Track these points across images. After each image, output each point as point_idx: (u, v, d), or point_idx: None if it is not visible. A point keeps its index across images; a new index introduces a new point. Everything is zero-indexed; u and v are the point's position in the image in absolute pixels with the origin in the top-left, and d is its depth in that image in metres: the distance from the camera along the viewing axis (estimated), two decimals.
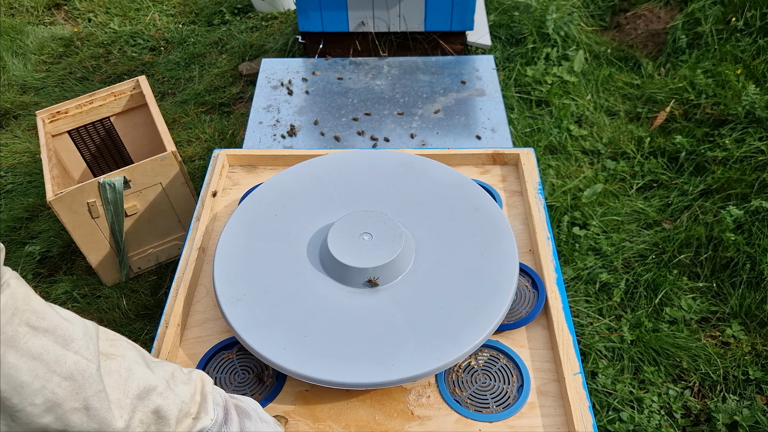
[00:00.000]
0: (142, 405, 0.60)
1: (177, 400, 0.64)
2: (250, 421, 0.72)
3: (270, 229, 0.92)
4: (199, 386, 0.67)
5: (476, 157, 1.11)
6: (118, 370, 0.59)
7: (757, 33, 2.40)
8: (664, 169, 2.14)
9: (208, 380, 0.69)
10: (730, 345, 1.66)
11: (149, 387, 0.60)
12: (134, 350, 0.62)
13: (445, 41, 2.25)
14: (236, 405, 0.72)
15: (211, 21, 3.13)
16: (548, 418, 0.77)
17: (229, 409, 0.71)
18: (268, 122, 1.83)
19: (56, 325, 0.53)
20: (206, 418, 0.67)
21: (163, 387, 0.62)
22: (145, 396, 0.60)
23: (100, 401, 0.55)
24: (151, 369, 0.62)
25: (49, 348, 0.51)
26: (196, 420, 0.66)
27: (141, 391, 0.60)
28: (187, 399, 0.65)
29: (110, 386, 0.57)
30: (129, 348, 0.62)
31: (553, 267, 0.91)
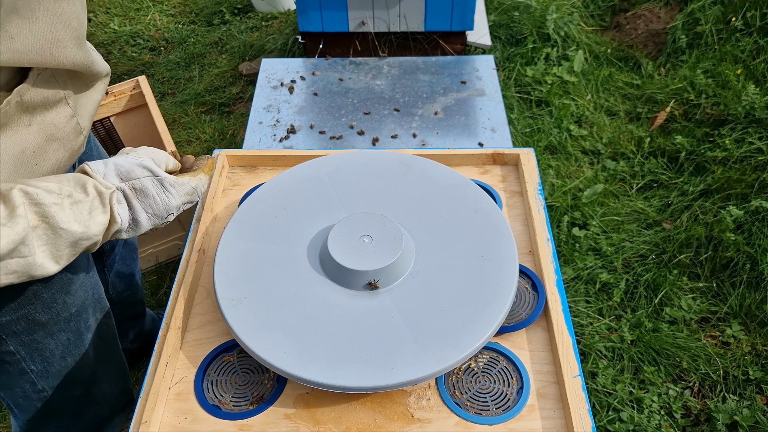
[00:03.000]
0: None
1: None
2: (150, 198, 0.75)
3: (270, 231, 0.92)
4: (93, 194, 0.70)
5: (476, 157, 1.11)
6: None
7: (757, 33, 2.40)
8: (664, 169, 2.14)
9: (92, 180, 0.71)
10: (730, 345, 1.66)
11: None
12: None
13: (445, 41, 2.25)
14: (133, 188, 0.75)
15: (211, 21, 3.13)
16: (548, 420, 0.77)
17: (130, 200, 0.74)
18: (268, 122, 1.83)
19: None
20: (115, 225, 0.73)
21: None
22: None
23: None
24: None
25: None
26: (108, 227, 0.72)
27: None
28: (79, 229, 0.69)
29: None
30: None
31: (553, 269, 0.91)
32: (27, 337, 0.88)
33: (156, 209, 0.77)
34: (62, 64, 0.71)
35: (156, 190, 0.76)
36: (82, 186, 0.70)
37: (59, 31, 0.68)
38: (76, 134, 0.80)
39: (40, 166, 0.75)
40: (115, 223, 0.73)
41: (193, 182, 0.81)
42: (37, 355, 0.91)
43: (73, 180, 0.70)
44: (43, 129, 0.74)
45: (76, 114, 0.80)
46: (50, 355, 0.93)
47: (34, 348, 0.90)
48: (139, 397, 0.79)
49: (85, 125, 0.82)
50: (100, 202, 0.71)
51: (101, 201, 0.71)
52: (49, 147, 0.75)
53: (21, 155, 0.71)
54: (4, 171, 0.69)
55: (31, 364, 0.92)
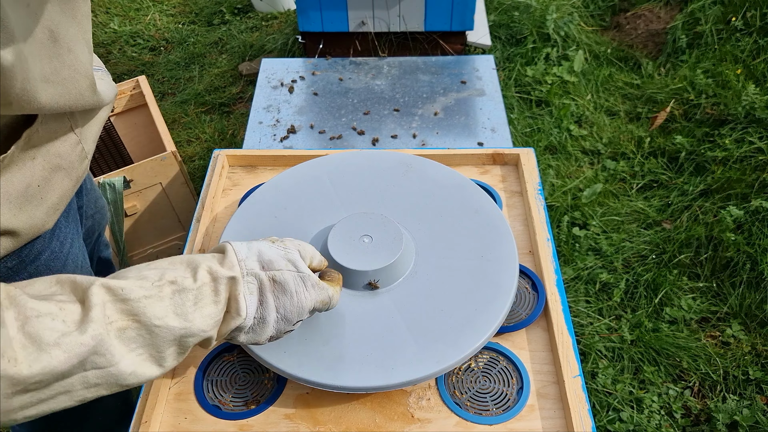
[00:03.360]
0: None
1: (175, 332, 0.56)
2: (287, 296, 0.64)
3: (270, 231, 0.92)
4: (224, 294, 0.60)
5: (476, 157, 1.11)
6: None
7: (757, 33, 2.40)
8: (664, 169, 2.14)
9: (226, 271, 0.60)
10: (730, 345, 1.66)
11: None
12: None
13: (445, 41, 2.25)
14: (272, 279, 0.64)
15: (211, 21, 3.13)
16: (548, 420, 0.77)
17: (265, 292, 0.63)
18: (268, 122, 1.83)
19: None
20: (238, 319, 0.61)
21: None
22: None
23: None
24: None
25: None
26: (225, 323, 0.61)
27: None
28: (204, 325, 0.58)
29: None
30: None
31: (553, 269, 0.91)
32: None
33: (288, 310, 0.66)
34: (78, 110, 0.69)
35: (296, 288, 0.65)
36: (193, 269, 0.59)
37: (79, 82, 0.66)
38: (80, 160, 0.76)
39: (45, 199, 0.70)
40: (238, 317, 0.62)
41: (331, 290, 0.70)
42: None
43: (186, 262, 0.60)
44: (48, 160, 0.69)
45: (81, 140, 0.75)
46: None
47: None
48: (139, 397, 0.79)
49: (89, 149, 0.77)
50: (211, 289, 0.59)
51: (213, 288, 0.59)
52: (55, 177, 0.71)
53: (26, 191, 0.66)
54: (8, 209, 0.65)
55: None
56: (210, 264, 0.60)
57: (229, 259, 0.62)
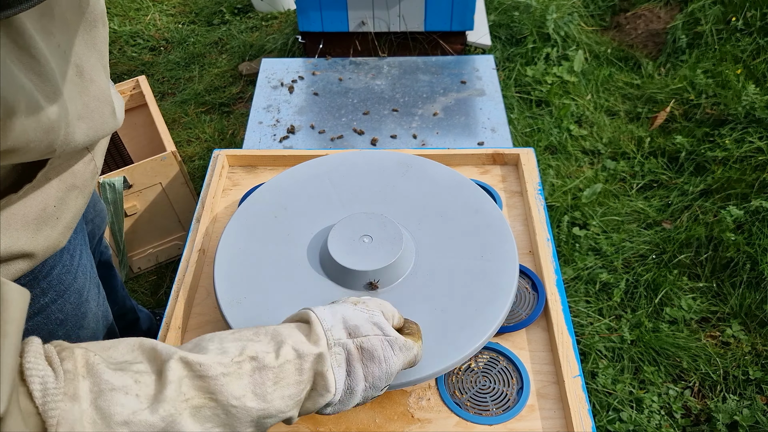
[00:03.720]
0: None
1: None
2: (375, 363, 0.61)
3: (270, 231, 0.92)
4: (309, 373, 0.57)
5: (476, 157, 1.11)
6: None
7: (757, 33, 2.40)
8: (664, 169, 2.14)
9: (312, 347, 0.57)
10: (730, 345, 1.66)
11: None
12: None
13: (445, 41, 2.25)
14: (360, 347, 0.61)
15: (211, 21, 3.13)
16: (548, 420, 0.77)
17: (353, 362, 0.60)
18: (268, 122, 1.83)
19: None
20: (327, 396, 0.58)
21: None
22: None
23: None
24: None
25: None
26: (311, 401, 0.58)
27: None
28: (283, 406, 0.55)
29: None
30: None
31: (553, 269, 0.91)
32: None
33: (377, 377, 0.61)
34: (102, 137, 0.69)
35: (384, 353, 0.61)
36: (277, 345, 0.56)
37: (103, 111, 0.65)
38: (92, 177, 0.75)
39: (61, 219, 0.69)
40: (327, 394, 0.58)
41: (416, 348, 0.66)
42: None
43: (270, 335, 0.57)
44: (64, 180, 0.68)
45: (94, 157, 0.74)
46: None
47: None
48: None
49: (100, 164, 0.76)
50: (295, 368, 0.56)
51: (298, 366, 0.56)
52: (69, 197, 0.69)
53: (42, 212, 0.65)
54: (26, 233, 0.63)
55: None
56: (295, 339, 0.57)
57: (315, 331, 0.59)
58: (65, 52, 0.57)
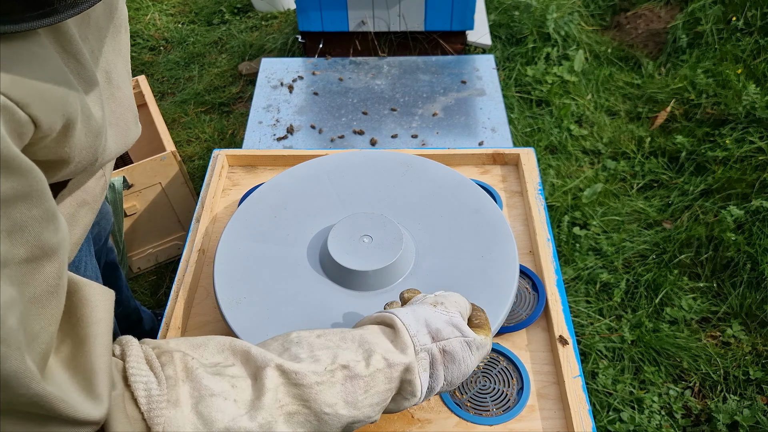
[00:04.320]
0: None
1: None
2: (455, 364, 0.62)
3: (270, 231, 0.92)
4: (396, 381, 0.58)
5: (476, 157, 1.11)
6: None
7: (758, 33, 2.40)
8: (665, 169, 2.14)
9: (401, 356, 0.58)
10: (731, 345, 1.66)
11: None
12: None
13: (445, 41, 2.25)
14: (443, 350, 0.61)
15: (210, 20, 3.13)
16: (548, 421, 0.77)
17: (436, 365, 0.61)
18: (267, 122, 1.83)
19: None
20: (412, 399, 0.60)
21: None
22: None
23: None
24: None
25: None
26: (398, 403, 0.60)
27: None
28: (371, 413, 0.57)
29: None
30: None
31: (553, 269, 0.91)
32: None
33: (455, 376, 0.63)
34: (126, 149, 0.67)
35: (463, 355, 0.62)
36: (366, 353, 0.57)
37: (127, 118, 0.64)
38: (102, 193, 0.73)
39: (71, 235, 0.67)
40: (412, 398, 0.60)
41: (488, 345, 0.66)
42: None
43: (358, 342, 0.58)
44: (76, 197, 0.67)
45: (105, 172, 0.73)
46: None
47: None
48: None
49: (109, 180, 0.75)
50: (385, 376, 0.57)
51: (387, 375, 0.57)
52: (80, 213, 0.68)
53: None
54: None
55: None
56: (384, 347, 0.58)
57: (402, 339, 0.59)
58: (97, 58, 0.56)
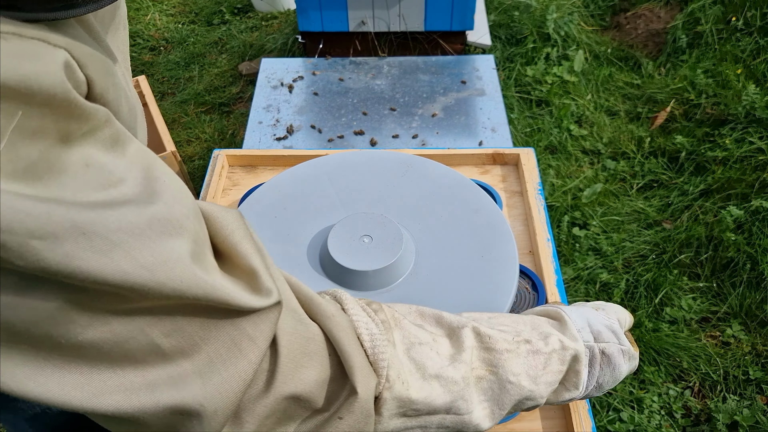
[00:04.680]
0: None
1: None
2: (610, 368, 0.61)
3: (270, 231, 0.92)
4: (567, 365, 0.57)
5: (476, 157, 1.11)
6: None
7: (758, 33, 2.40)
8: (665, 169, 2.14)
9: (573, 343, 0.58)
10: (731, 345, 1.66)
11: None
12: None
13: (445, 41, 2.25)
14: (603, 352, 0.61)
15: (210, 21, 3.13)
16: (548, 421, 0.77)
17: (594, 364, 0.60)
18: (267, 122, 1.83)
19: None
20: (574, 392, 0.59)
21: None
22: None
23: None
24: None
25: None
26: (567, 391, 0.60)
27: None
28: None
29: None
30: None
31: (553, 269, 0.91)
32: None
33: (606, 381, 0.62)
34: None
35: (618, 362, 0.62)
36: (542, 334, 0.58)
37: (139, 118, 0.65)
38: None
39: None
40: (575, 390, 0.60)
41: (637, 357, 0.66)
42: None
43: (530, 324, 0.59)
44: None
45: None
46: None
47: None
48: None
49: None
50: (559, 358, 0.57)
51: (561, 357, 0.57)
52: None
53: None
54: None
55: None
56: (558, 332, 0.59)
57: (570, 331, 0.60)
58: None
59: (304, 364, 0.43)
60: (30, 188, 0.30)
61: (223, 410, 0.39)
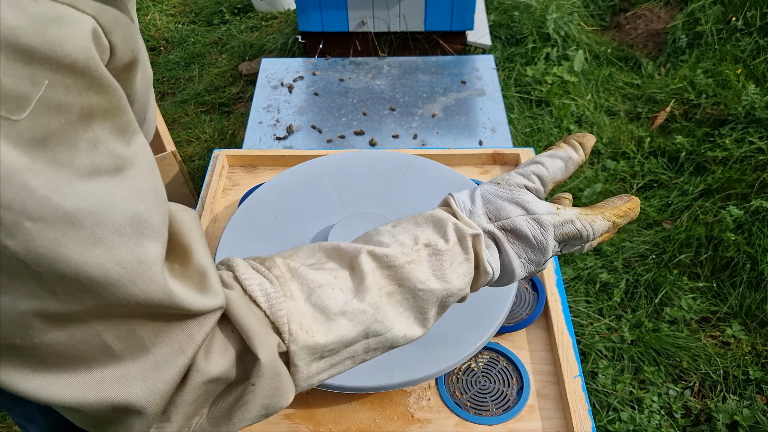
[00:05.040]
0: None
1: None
2: (523, 241, 0.59)
3: (270, 231, 0.92)
4: (472, 251, 0.57)
5: (476, 157, 1.11)
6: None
7: (758, 33, 2.40)
8: (665, 169, 2.14)
9: (468, 228, 0.57)
10: (730, 345, 1.66)
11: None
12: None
13: (445, 41, 2.25)
14: (502, 228, 0.59)
15: (211, 21, 3.13)
16: (548, 420, 0.77)
17: (501, 243, 0.59)
18: (268, 122, 1.83)
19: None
20: (486, 276, 0.59)
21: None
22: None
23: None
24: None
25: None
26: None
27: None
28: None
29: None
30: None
31: (553, 269, 0.91)
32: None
33: (530, 253, 0.60)
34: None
35: (532, 232, 0.59)
36: (441, 229, 0.58)
37: (150, 88, 0.64)
38: None
39: None
40: (486, 274, 0.60)
41: (578, 223, 0.60)
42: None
43: (431, 221, 0.59)
44: None
45: None
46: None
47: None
48: None
49: None
50: (461, 248, 0.58)
51: (462, 246, 0.58)
52: None
53: None
54: None
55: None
56: (453, 221, 0.58)
57: (463, 218, 0.60)
58: None
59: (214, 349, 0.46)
60: (39, 162, 0.32)
61: (162, 406, 0.42)
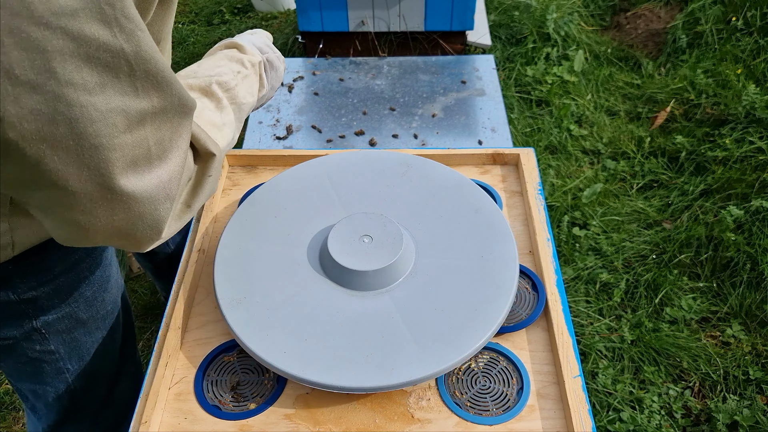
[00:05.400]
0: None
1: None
2: (274, 70, 0.88)
3: (270, 231, 0.92)
4: (249, 66, 0.82)
5: (476, 157, 1.11)
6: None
7: (758, 33, 2.40)
8: (665, 169, 2.14)
9: (255, 58, 0.83)
10: (731, 345, 1.66)
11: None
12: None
13: (445, 41, 2.25)
14: (267, 60, 0.86)
15: (210, 21, 3.13)
16: (548, 420, 0.77)
17: (267, 70, 0.86)
18: (268, 122, 1.83)
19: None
20: (262, 90, 0.86)
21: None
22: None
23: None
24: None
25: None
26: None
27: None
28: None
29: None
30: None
31: (553, 269, 0.91)
32: (68, 336, 0.89)
33: (275, 80, 0.89)
34: None
35: (277, 63, 0.88)
36: (240, 62, 0.81)
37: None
38: None
39: None
40: (263, 89, 0.86)
41: (283, 60, 0.92)
42: (75, 354, 0.92)
43: (232, 58, 0.81)
44: None
45: None
46: (86, 354, 0.94)
47: (73, 347, 0.91)
48: (139, 398, 0.79)
49: None
50: (255, 72, 0.82)
51: (255, 71, 0.83)
52: None
53: None
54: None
55: (68, 363, 0.92)
56: (246, 56, 0.82)
57: (250, 51, 0.84)
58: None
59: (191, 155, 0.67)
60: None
61: (177, 191, 0.63)
